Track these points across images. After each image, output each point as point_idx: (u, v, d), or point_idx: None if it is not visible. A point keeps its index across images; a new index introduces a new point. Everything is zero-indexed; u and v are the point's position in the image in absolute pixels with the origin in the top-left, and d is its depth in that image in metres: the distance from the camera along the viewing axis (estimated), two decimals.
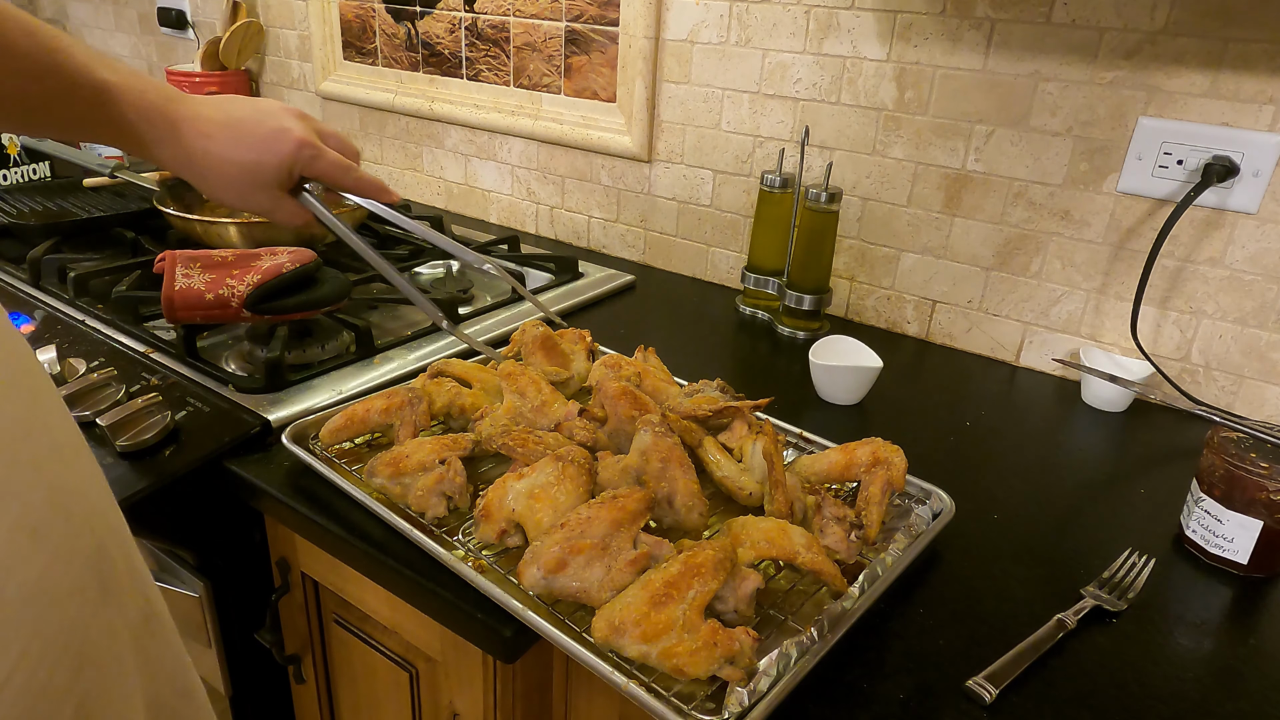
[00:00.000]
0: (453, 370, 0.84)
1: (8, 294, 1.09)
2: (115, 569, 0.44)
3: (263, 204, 0.73)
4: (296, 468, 0.76)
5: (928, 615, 0.64)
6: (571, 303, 1.18)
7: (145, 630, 0.47)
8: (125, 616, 0.44)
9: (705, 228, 1.31)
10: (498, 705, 0.69)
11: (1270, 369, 0.94)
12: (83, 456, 0.44)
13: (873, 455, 0.72)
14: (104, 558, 0.43)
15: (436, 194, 1.67)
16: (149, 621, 0.47)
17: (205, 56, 1.79)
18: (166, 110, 0.67)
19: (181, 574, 0.85)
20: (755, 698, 0.52)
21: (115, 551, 0.44)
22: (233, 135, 0.69)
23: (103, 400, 0.82)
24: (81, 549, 0.41)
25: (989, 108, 1.02)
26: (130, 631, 0.45)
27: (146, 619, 0.47)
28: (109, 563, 0.43)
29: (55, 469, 0.41)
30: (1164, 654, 0.62)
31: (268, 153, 0.70)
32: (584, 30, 1.33)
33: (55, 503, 0.40)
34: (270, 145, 0.70)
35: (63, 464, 0.41)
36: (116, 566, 0.44)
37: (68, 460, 0.42)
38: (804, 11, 1.11)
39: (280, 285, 0.91)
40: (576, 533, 0.58)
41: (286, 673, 0.91)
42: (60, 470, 0.41)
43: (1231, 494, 0.70)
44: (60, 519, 0.40)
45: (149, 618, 0.47)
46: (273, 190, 0.72)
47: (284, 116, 0.71)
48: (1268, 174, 0.88)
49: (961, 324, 1.12)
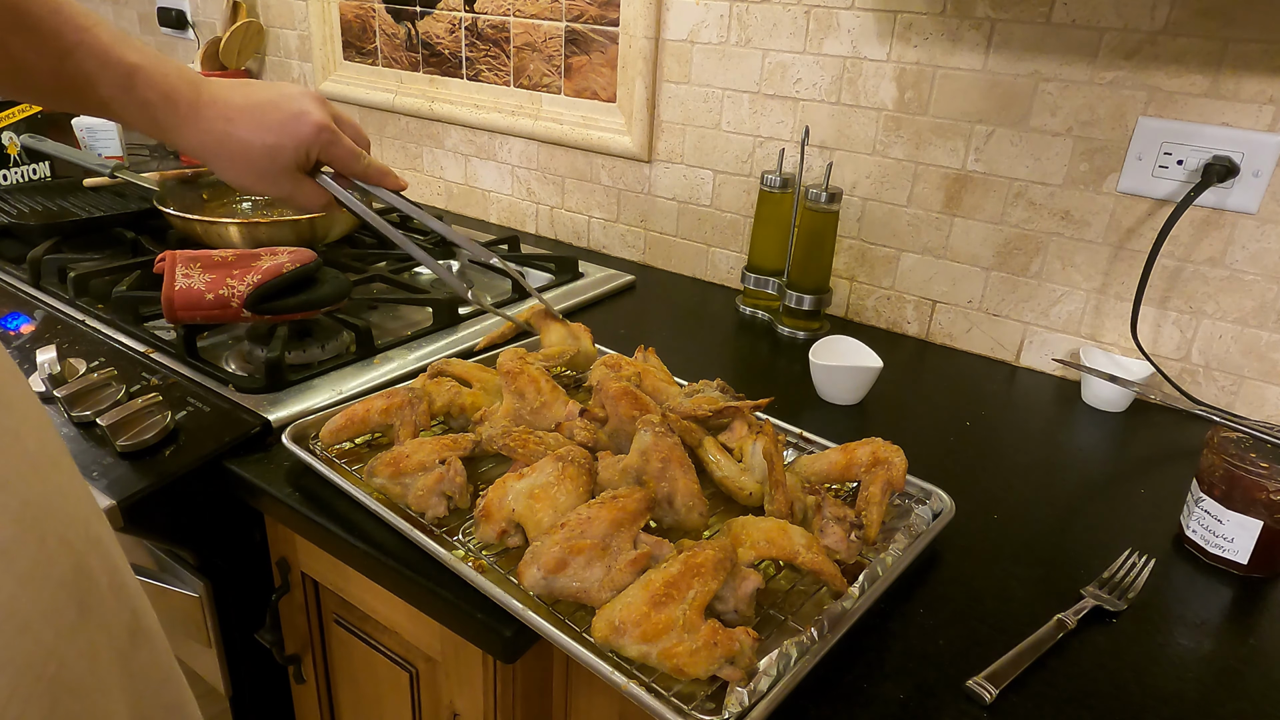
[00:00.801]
0: (453, 370, 0.84)
1: (8, 294, 1.09)
2: (97, 586, 0.42)
3: (284, 187, 0.73)
4: (296, 468, 0.76)
5: (928, 615, 0.64)
6: (571, 303, 1.18)
7: (131, 646, 0.45)
8: (109, 635, 0.42)
9: (705, 228, 1.31)
10: (498, 705, 0.69)
11: (1270, 369, 0.94)
12: (60, 468, 0.42)
13: (873, 455, 0.72)
14: (83, 576, 0.41)
15: (436, 194, 1.67)
16: (135, 637, 0.45)
17: (205, 56, 1.79)
18: (189, 93, 0.67)
19: (181, 574, 0.85)
20: (755, 698, 0.52)
21: (97, 567, 0.42)
22: (254, 118, 0.69)
23: (103, 400, 0.82)
24: (56, 570, 0.39)
25: (989, 108, 1.02)
26: (114, 651, 0.43)
27: (133, 634, 0.45)
28: (89, 580, 0.41)
29: (27, 484, 0.38)
30: (1164, 654, 0.62)
31: (287, 135, 0.70)
32: (584, 30, 1.33)
33: (25, 520, 0.38)
34: (290, 128, 0.70)
35: (37, 477, 0.39)
36: (98, 583, 0.42)
37: (43, 472, 0.40)
38: (804, 11, 1.11)
39: (280, 285, 0.91)
40: (577, 533, 0.58)
41: (286, 673, 0.91)
42: (33, 485, 0.39)
43: (1231, 494, 0.70)
44: (32, 538, 0.38)
45: (135, 633, 0.45)
46: (293, 173, 0.72)
47: (304, 100, 0.71)
48: (1268, 174, 0.88)
49: (961, 324, 1.12)
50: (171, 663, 0.49)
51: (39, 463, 0.40)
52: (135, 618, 0.46)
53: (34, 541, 0.38)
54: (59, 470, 0.42)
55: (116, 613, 0.44)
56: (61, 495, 0.41)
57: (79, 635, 0.40)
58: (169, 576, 0.87)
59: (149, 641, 0.47)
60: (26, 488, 0.38)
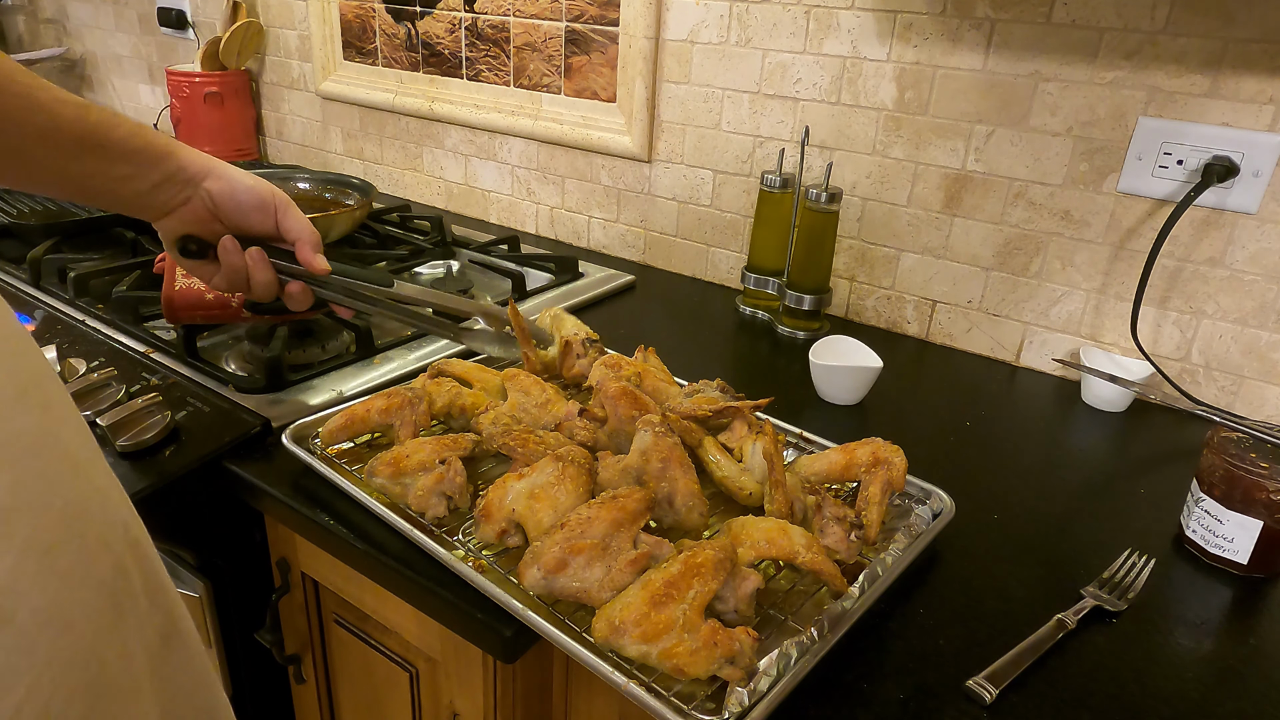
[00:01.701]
0: (453, 370, 0.84)
1: (8, 294, 1.10)
2: (133, 588, 0.42)
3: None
4: (296, 468, 0.76)
5: (928, 615, 0.64)
6: (571, 303, 1.18)
7: (164, 650, 0.45)
8: (143, 637, 0.43)
9: (705, 228, 1.31)
10: (498, 705, 0.69)
11: (1270, 369, 0.94)
12: (98, 469, 0.43)
13: (873, 455, 0.72)
14: (121, 577, 0.41)
15: (436, 194, 1.67)
16: (168, 640, 0.45)
17: (205, 56, 1.79)
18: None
19: (181, 574, 0.85)
20: (755, 698, 0.52)
21: (133, 569, 0.42)
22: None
23: (103, 400, 0.82)
24: (96, 570, 0.39)
25: (989, 108, 1.02)
26: (147, 654, 0.43)
27: (166, 638, 0.45)
28: (127, 582, 0.41)
29: (69, 484, 0.39)
30: (1164, 654, 0.62)
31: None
32: (584, 30, 1.33)
33: (69, 521, 0.38)
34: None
35: (78, 478, 0.40)
36: (134, 585, 0.42)
37: (84, 474, 0.40)
38: (804, 11, 1.11)
39: None
40: (577, 533, 0.58)
41: (286, 673, 0.91)
42: (75, 485, 0.39)
43: (1231, 494, 0.70)
44: (74, 539, 0.38)
45: (168, 636, 0.45)
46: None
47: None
48: (1268, 174, 0.88)
49: (961, 324, 1.12)
50: (205, 666, 0.49)
51: (79, 463, 0.40)
52: (170, 620, 0.46)
53: (76, 541, 0.38)
54: (97, 472, 0.42)
55: (150, 615, 0.44)
56: (101, 496, 0.42)
57: (115, 636, 0.40)
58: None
59: (183, 645, 0.47)
60: (68, 489, 0.39)
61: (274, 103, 1.88)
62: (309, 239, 0.75)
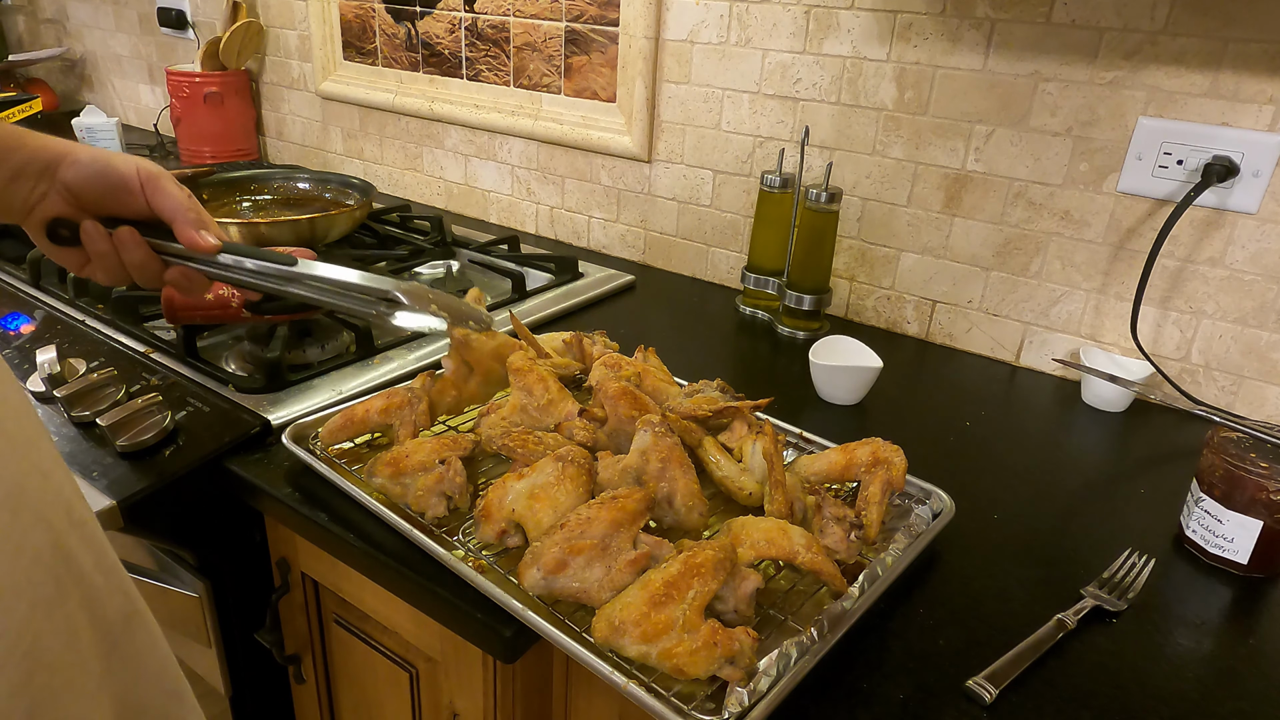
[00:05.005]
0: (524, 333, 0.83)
1: (8, 294, 1.09)
2: (80, 567, 0.42)
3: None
4: (296, 468, 0.76)
5: (928, 615, 0.64)
6: (571, 303, 1.18)
7: (126, 630, 0.45)
8: (94, 615, 0.43)
9: (705, 228, 1.31)
10: (498, 705, 0.69)
11: (1270, 369, 0.94)
12: (39, 450, 0.43)
13: (873, 455, 0.72)
14: (62, 555, 0.41)
15: (436, 194, 1.67)
16: (129, 620, 0.46)
17: (205, 56, 1.79)
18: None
19: (181, 574, 0.85)
20: (755, 698, 0.52)
21: (79, 549, 0.43)
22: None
23: (103, 400, 0.82)
24: (30, 545, 0.39)
25: (989, 108, 1.02)
26: (98, 631, 0.43)
27: (127, 618, 0.45)
28: (70, 560, 0.42)
29: (2, 463, 0.39)
30: (1164, 654, 0.62)
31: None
32: (584, 30, 1.33)
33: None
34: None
35: (13, 456, 0.40)
36: (82, 564, 0.43)
37: (19, 452, 0.41)
38: (804, 11, 1.11)
39: None
40: (576, 533, 0.58)
41: (286, 673, 0.91)
42: (8, 463, 0.40)
43: (1231, 494, 0.70)
44: (5, 514, 0.38)
45: (129, 616, 0.46)
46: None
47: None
48: (1268, 174, 0.88)
49: (961, 324, 1.12)
50: (168, 650, 0.50)
51: (16, 442, 0.41)
52: (129, 600, 0.46)
53: (7, 516, 0.39)
54: (38, 451, 0.43)
55: (109, 595, 0.44)
56: (41, 476, 0.42)
57: (56, 612, 0.40)
58: (169, 576, 0.87)
59: (145, 627, 0.47)
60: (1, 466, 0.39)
61: (274, 103, 1.88)
62: (185, 215, 0.63)
